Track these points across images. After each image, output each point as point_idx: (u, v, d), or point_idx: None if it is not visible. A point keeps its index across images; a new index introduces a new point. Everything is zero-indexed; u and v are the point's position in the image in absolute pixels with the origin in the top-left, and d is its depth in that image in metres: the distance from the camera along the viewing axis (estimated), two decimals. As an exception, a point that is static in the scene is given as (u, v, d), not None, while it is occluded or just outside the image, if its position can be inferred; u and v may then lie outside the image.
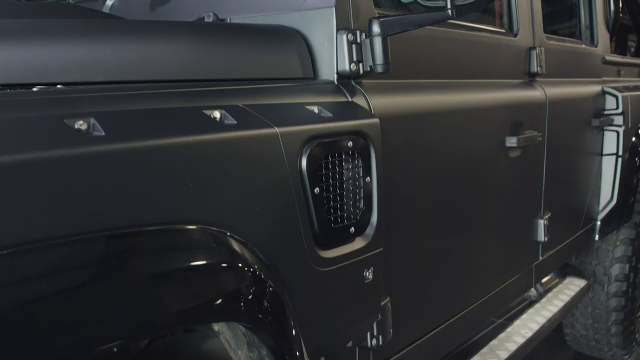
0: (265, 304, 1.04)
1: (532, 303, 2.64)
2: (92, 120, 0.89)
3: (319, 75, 1.45)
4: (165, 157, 0.94)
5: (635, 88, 3.32)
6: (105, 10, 1.95)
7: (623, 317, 3.17)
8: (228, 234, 1.02)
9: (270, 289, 1.06)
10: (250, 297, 1.01)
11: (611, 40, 3.32)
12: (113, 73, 1.13)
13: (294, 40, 1.43)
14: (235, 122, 1.06)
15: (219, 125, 1.04)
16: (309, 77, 1.44)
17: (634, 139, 3.10)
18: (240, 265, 1.01)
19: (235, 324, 1.24)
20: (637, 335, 3.37)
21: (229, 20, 1.61)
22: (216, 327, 1.34)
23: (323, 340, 1.28)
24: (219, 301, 0.96)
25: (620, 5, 3.36)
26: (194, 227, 0.97)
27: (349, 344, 1.43)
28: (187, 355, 1.53)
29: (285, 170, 1.13)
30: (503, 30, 2.22)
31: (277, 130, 1.11)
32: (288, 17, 1.49)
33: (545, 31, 2.45)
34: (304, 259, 1.18)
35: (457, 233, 1.88)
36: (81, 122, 0.87)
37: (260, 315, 1.02)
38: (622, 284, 3.11)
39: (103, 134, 0.87)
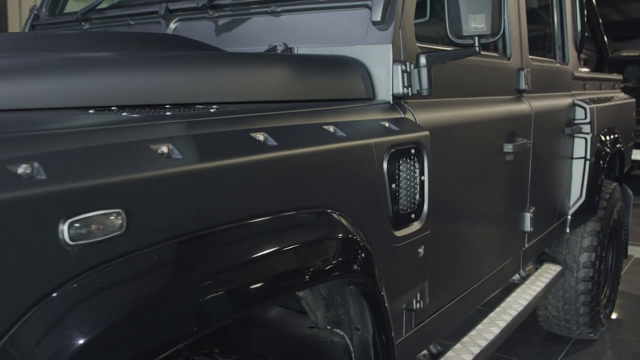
0: (369, 267, 1.43)
1: (517, 285, 3.10)
2: (266, 135, 1.26)
3: (377, 97, 1.85)
4: (310, 161, 1.33)
5: (599, 100, 3.81)
6: (169, 32, 2.31)
7: (590, 299, 3.59)
8: (345, 216, 1.41)
9: (370, 257, 1.45)
10: (362, 260, 1.40)
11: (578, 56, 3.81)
12: (241, 95, 1.50)
13: (359, 68, 1.83)
14: (345, 134, 1.45)
15: (335, 137, 1.43)
16: (369, 98, 1.83)
17: (598, 144, 3.59)
18: (357, 238, 1.40)
19: (317, 289, 1.63)
20: (601, 316, 3.81)
21: (296, 50, 1.98)
22: (300, 293, 1.71)
23: (391, 302, 1.68)
24: (348, 261, 1.35)
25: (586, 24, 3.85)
26: (328, 210, 1.36)
27: (403, 306, 1.83)
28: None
29: (376, 170, 1.53)
30: (499, 55, 2.66)
31: (372, 141, 1.51)
32: (350, 49, 1.88)
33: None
34: (385, 237, 1.58)
35: (470, 222, 2.30)
36: (260, 135, 1.25)
37: (368, 275, 1.42)
38: (589, 270, 3.53)
39: (276, 144, 1.25)
